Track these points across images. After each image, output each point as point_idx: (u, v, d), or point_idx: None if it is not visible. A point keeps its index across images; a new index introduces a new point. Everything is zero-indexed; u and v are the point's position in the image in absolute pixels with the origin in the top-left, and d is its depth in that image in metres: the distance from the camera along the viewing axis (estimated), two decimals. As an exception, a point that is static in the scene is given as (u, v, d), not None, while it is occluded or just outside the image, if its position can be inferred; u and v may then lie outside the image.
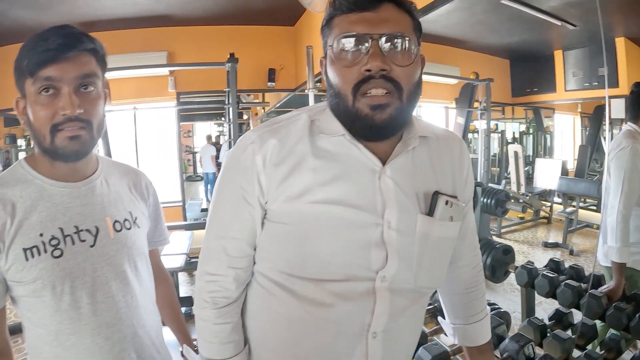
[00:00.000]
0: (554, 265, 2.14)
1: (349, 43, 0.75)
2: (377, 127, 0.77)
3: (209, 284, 0.88)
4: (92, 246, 0.94)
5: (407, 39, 0.75)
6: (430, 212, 0.83)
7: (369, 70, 0.74)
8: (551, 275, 1.92)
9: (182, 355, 1.25)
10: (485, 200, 2.52)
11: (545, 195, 3.85)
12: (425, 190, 0.84)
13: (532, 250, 3.68)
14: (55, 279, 0.88)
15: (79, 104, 0.86)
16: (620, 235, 1.74)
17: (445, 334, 1.18)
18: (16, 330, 3.43)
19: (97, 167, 1.03)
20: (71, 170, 0.96)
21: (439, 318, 1.19)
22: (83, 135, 0.89)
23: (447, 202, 0.83)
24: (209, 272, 0.88)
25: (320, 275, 0.80)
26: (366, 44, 0.74)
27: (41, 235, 0.89)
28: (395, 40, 0.74)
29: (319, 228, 0.79)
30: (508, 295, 3.09)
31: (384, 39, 0.73)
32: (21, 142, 5.95)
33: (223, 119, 6.15)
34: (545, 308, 2.50)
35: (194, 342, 1.31)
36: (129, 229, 1.03)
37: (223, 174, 0.88)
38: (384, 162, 0.82)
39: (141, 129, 5.24)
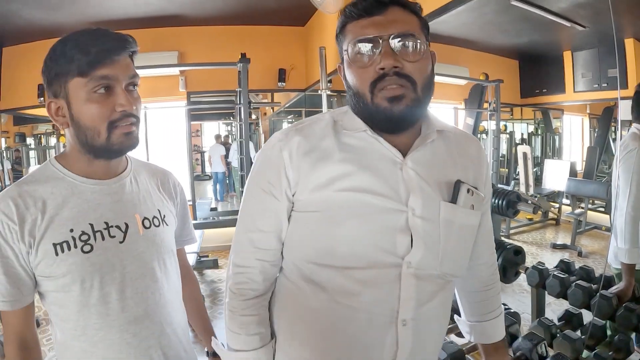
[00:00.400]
0: (565, 266, 2.15)
1: (362, 46, 0.81)
2: (396, 117, 0.82)
3: (237, 276, 0.92)
4: (121, 242, 0.96)
5: (415, 36, 0.81)
6: (453, 200, 0.87)
7: (382, 69, 0.80)
8: (562, 276, 1.93)
9: (207, 355, 1.28)
10: (496, 201, 2.52)
11: (554, 196, 3.83)
12: (447, 180, 0.89)
13: (540, 252, 3.68)
14: (84, 274, 0.90)
15: (132, 101, 0.91)
16: (629, 236, 1.75)
17: (457, 335, 1.20)
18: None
19: (127, 166, 1.05)
20: (105, 167, 0.99)
21: (455, 316, 1.20)
22: (135, 131, 0.94)
23: (468, 190, 0.88)
24: (237, 264, 0.92)
25: (347, 262, 0.84)
26: (378, 45, 0.80)
27: (71, 230, 0.91)
28: (404, 38, 0.80)
29: (346, 214, 0.83)
30: (517, 297, 3.09)
31: (393, 39, 0.80)
32: (30, 141, 6.01)
33: (232, 118, 6.19)
34: (553, 309, 2.50)
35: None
36: (158, 226, 1.04)
37: (252, 170, 0.93)
38: (404, 155, 0.87)
39: (151, 129, 5.29)
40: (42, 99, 4.89)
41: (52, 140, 6.05)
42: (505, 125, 4.49)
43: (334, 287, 0.85)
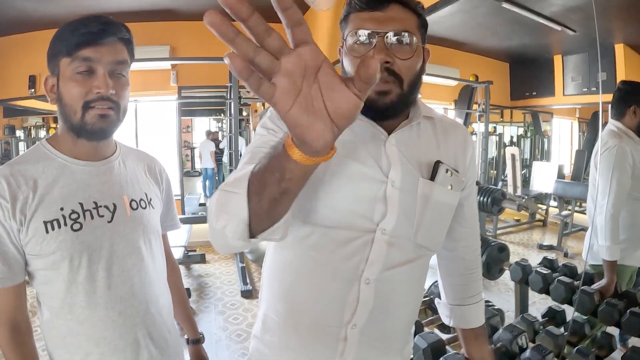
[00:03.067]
0: (548, 263, 2.17)
1: (359, 37, 0.85)
2: (380, 110, 0.87)
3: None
4: (109, 222, 0.98)
5: (410, 35, 0.85)
6: (431, 178, 0.91)
7: None
8: (545, 272, 1.95)
9: (187, 343, 1.30)
10: (481, 198, 2.54)
11: (542, 198, 3.88)
12: (428, 161, 0.93)
13: (527, 252, 3.72)
14: (73, 252, 0.92)
15: (112, 85, 0.92)
16: (610, 234, 1.78)
17: (439, 327, 1.21)
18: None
19: (115, 150, 1.08)
20: (93, 149, 1.00)
21: (436, 300, 1.24)
22: (111, 115, 0.95)
23: (447, 171, 0.92)
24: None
25: (326, 222, 0.88)
26: (373, 40, 0.84)
27: (62, 209, 0.93)
28: (399, 36, 0.84)
29: (331, 176, 0.87)
30: (502, 295, 3.12)
31: (388, 35, 0.84)
32: (20, 133, 5.95)
33: (222, 114, 6.18)
34: (538, 308, 2.53)
35: (200, 333, 1.35)
36: (144, 208, 1.06)
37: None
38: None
39: (142, 123, 5.26)
40: (32, 90, 4.86)
41: (42, 133, 6.00)
42: (495, 127, 4.54)
43: (309, 242, 0.91)
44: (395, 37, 0.84)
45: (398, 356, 1.02)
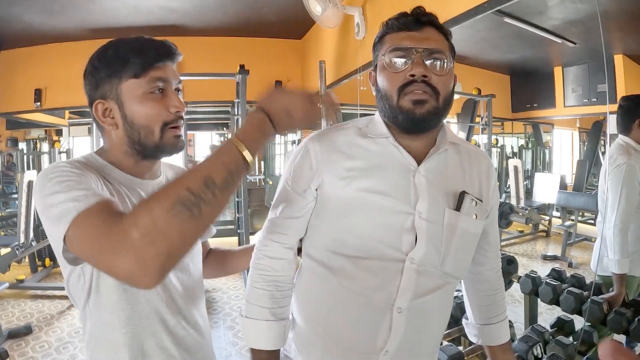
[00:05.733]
0: (556, 274, 2.20)
1: (398, 54, 0.92)
2: (417, 119, 0.92)
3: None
4: None
5: (444, 54, 0.92)
6: (457, 208, 0.95)
7: (413, 75, 0.90)
8: (554, 283, 1.98)
9: None
10: (489, 211, 2.57)
11: (544, 209, 3.88)
12: (454, 190, 0.97)
13: (531, 263, 3.72)
14: None
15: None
16: (619, 247, 1.83)
17: (463, 338, 1.25)
18: (20, 333, 3.42)
19: (160, 168, 1.07)
20: (149, 168, 1.01)
21: (463, 320, 1.29)
22: (182, 134, 0.97)
23: (472, 201, 0.96)
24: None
25: (356, 252, 0.94)
26: (412, 55, 0.91)
27: None
28: (435, 54, 0.91)
29: (360, 211, 0.94)
30: (509, 307, 3.10)
31: (426, 52, 0.90)
32: (22, 146, 5.97)
33: (225, 129, 6.21)
34: (545, 318, 2.54)
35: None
36: None
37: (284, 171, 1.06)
38: (419, 162, 0.96)
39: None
40: (38, 103, 4.89)
41: (45, 146, 6.03)
42: (497, 139, 4.55)
43: (342, 273, 0.96)
44: (432, 54, 0.91)
45: None
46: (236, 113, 4.28)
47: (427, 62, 0.91)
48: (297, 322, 1.07)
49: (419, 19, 0.93)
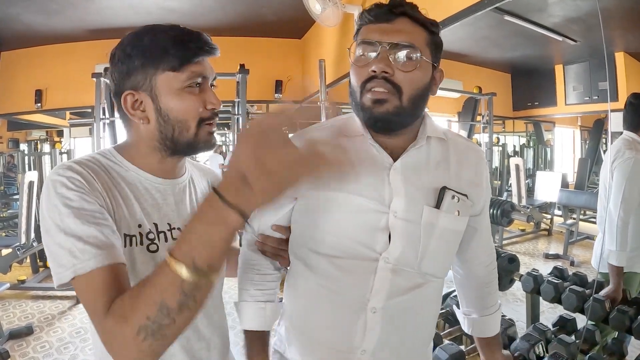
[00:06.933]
0: (558, 272, 2.19)
1: (362, 48, 0.88)
2: (376, 119, 0.88)
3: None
4: None
5: (414, 49, 0.86)
6: (437, 205, 0.92)
7: (374, 71, 0.86)
8: (556, 281, 1.97)
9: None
10: (490, 210, 2.57)
11: (546, 207, 3.87)
12: (436, 186, 0.94)
13: (533, 262, 3.71)
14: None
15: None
16: (620, 239, 1.83)
17: (464, 337, 1.24)
18: (21, 334, 3.43)
19: (184, 166, 1.02)
20: (172, 166, 0.96)
21: (453, 306, 1.29)
22: (214, 131, 0.93)
23: (453, 197, 0.92)
24: None
25: (332, 251, 0.93)
26: (376, 49, 0.86)
27: (139, 226, 0.87)
28: (402, 48, 0.86)
29: (336, 210, 0.92)
30: (511, 305, 3.12)
31: (391, 46, 0.85)
32: (23, 147, 5.98)
33: (225, 128, 6.20)
34: (546, 317, 2.53)
35: None
36: None
37: None
38: (397, 158, 0.93)
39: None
40: (39, 104, 4.89)
41: (46, 147, 6.03)
42: (498, 138, 4.55)
43: (319, 271, 0.96)
44: (398, 49, 0.85)
45: None
46: (236, 112, 4.28)
47: (393, 57, 0.85)
48: (286, 319, 1.08)
49: (392, 10, 0.87)
